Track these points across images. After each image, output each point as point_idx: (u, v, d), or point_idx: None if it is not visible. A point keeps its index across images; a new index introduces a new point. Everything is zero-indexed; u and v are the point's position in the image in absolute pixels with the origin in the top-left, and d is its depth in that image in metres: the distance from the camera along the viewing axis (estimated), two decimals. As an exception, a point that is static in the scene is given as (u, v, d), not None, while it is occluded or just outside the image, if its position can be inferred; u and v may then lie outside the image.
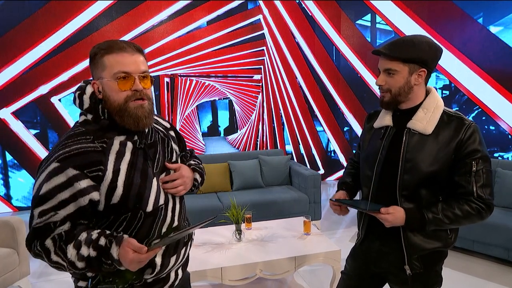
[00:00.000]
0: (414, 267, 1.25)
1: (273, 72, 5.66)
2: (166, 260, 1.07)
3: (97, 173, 0.94)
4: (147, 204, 1.01)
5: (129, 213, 0.99)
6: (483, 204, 1.16)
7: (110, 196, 0.96)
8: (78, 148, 0.94)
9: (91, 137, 0.98)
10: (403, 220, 1.19)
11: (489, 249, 2.91)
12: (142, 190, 1.00)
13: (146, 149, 1.05)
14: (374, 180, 1.29)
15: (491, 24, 4.36)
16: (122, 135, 1.02)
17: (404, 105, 1.26)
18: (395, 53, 1.19)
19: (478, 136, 1.18)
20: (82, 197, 0.92)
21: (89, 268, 0.92)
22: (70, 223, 0.93)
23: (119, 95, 0.97)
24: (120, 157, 0.99)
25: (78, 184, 0.92)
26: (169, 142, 1.16)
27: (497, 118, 4.33)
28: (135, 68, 0.98)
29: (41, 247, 0.92)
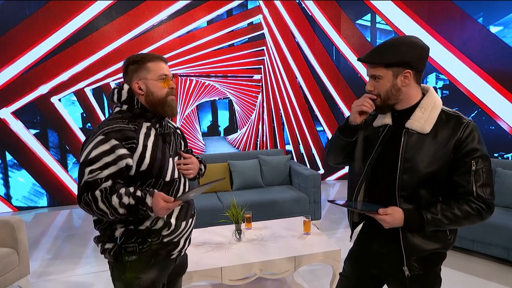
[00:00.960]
0: (413, 268, 1.23)
1: (273, 72, 5.66)
2: (179, 222, 1.36)
3: (131, 145, 1.24)
4: (166, 175, 1.32)
5: (153, 179, 1.29)
6: (483, 204, 1.15)
7: (140, 164, 1.26)
8: (117, 126, 1.25)
9: (126, 120, 1.28)
10: (401, 221, 1.18)
11: (489, 249, 2.90)
12: (163, 163, 1.31)
13: (165, 135, 1.37)
14: (363, 176, 1.28)
15: (491, 24, 4.36)
16: (148, 122, 1.33)
17: (399, 106, 1.26)
18: (375, 60, 1.20)
19: (477, 135, 1.17)
20: (121, 161, 1.22)
21: (128, 213, 1.20)
22: (111, 180, 1.21)
23: (162, 91, 1.32)
24: (147, 137, 1.29)
25: (119, 151, 1.21)
26: (178, 136, 1.48)
27: (497, 118, 4.33)
28: (169, 72, 1.36)
29: (92, 196, 1.19)
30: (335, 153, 1.39)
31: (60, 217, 4.44)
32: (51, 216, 4.50)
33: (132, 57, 1.34)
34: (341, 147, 1.36)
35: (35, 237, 3.71)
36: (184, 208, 1.40)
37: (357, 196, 1.31)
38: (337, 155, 1.40)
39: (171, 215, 1.34)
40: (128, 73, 1.33)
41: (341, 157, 1.40)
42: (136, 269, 1.30)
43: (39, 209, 4.75)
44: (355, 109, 1.25)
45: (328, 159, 1.47)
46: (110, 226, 1.29)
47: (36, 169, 4.71)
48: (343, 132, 1.32)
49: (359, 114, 1.26)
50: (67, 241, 3.62)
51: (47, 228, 4.03)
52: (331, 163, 1.47)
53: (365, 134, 1.35)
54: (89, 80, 4.82)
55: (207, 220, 3.32)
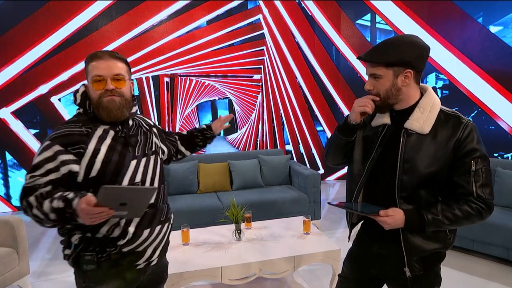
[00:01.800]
0: (414, 269, 1.23)
1: (273, 72, 5.66)
2: (139, 230, 1.26)
3: (78, 150, 1.18)
4: (122, 180, 1.23)
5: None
6: (483, 204, 1.15)
7: (89, 170, 1.19)
8: (66, 130, 1.20)
9: (80, 124, 1.23)
10: (402, 222, 1.17)
11: (489, 249, 2.90)
12: (119, 167, 1.23)
13: (127, 137, 1.29)
14: (364, 177, 1.28)
15: (491, 24, 4.36)
16: (107, 125, 1.26)
17: (398, 106, 1.25)
18: (376, 59, 1.19)
19: (476, 135, 1.17)
20: (63, 167, 1.16)
21: (58, 219, 1.11)
22: (51, 186, 1.15)
23: (95, 93, 1.23)
24: (102, 140, 1.23)
25: (61, 157, 1.16)
26: (150, 136, 1.41)
27: (497, 117, 4.33)
28: (107, 72, 1.22)
29: (27, 202, 1.13)
30: (334, 153, 1.38)
31: (60, 217, 4.44)
32: (51, 216, 4.49)
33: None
34: (340, 147, 1.35)
35: (34, 237, 3.71)
36: (148, 215, 1.28)
37: (357, 198, 1.30)
38: (336, 155, 1.39)
39: (129, 222, 1.23)
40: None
41: (340, 158, 1.39)
42: (96, 279, 1.24)
43: (39, 209, 4.74)
44: (358, 110, 1.23)
45: (327, 160, 1.46)
46: (69, 232, 1.24)
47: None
48: (342, 132, 1.32)
49: (360, 114, 1.25)
50: (67, 241, 3.61)
51: (46, 228, 4.02)
52: (330, 164, 1.46)
53: (364, 134, 1.34)
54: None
55: (207, 220, 3.32)
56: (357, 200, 1.31)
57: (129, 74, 1.31)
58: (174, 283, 2.07)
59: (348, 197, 1.37)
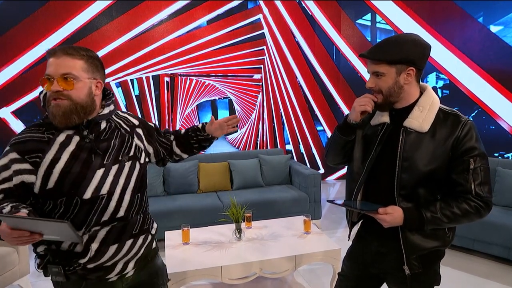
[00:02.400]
0: (413, 267, 1.24)
1: (273, 71, 5.66)
2: (104, 247, 1.14)
3: (35, 159, 1.07)
4: (84, 192, 1.10)
5: (64, 197, 1.09)
6: (482, 202, 1.16)
7: (46, 181, 1.07)
8: (26, 136, 1.10)
9: (43, 128, 1.12)
10: (401, 220, 1.18)
11: (490, 248, 2.90)
12: (80, 178, 1.10)
13: (97, 142, 1.15)
14: (363, 175, 1.28)
15: (492, 24, 4.36)
16: (71, 129, 1.13)
17: (398, 104, 1.26)
18: (379, 56, 1.19)
19: (475, 133, 1.17)
20: (16, 176, 1.06)
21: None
22: (3, 195, 1.06)
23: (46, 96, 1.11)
24: (64, 147, 1.10)
25: (15, 166, 1.06)
26: (130, 138, 1.26)
27: (497, 117, 4.32)
28: (54, 70, 1.07)
29: None
30: (334, 153, 1.39)
31: (60, 217, 4.44)
32: (51, 215, 4.49)
33: None
34: (340, 146, 1.35)
35: (35, 237, 3.71)
36: (115, 229, 1.15)
37: (356, 196, 1.31)
38: (336, 155, 1.39)
39: (93, 238, 1.12)
40: None
41: (340, 157, 1.39)
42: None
43: (39, 209, 4.74)
44: (358, 109, 1.24)
45: (327, 160, 1.46)
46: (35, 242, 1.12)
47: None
48: (342, 131, 1.32)
49: (360, 114, 1.25)
50: (67, 240, 3.61)
51: (47, 228, 4.02)
52: (330, 163, 1.46)
53: (363, 133, 1.35)
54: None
55: (207, 219, 3.32)
56: (357, 199, 1.31)
57: (92, 72, 1.14)
58: (174, 283, 2.07)
59: (348, 196, 1.37)
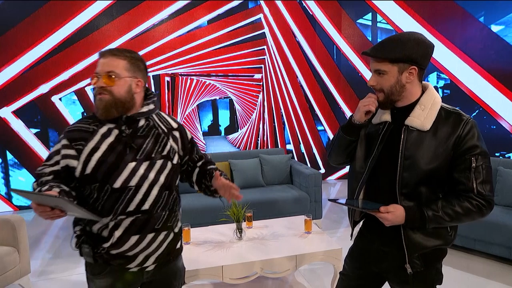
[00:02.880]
0: (415, 265, 1.23)
1: (273, 71, 5.65)
2: (126, 236, 1.22)
3: (79, 146, 1.21)
4: (115, 181, 1.20)
5: (97, 184, 1.20)
6: (484, 201, 1.15)
7: (85, 166, 1.20)
8: (76, 126, 1.25)
9: (91, 120, 1.25)
10: (403, 219, 1.18)
11: (491, 248, 2.90)
12: (113, 168, 1.20)
13: (132, 138, 1.25)
14: (365, 174, 1.28)
15: (493, 23, 4.35)
16: (113, 123, 1.25)
17: (400, 103, 1.26)
18: (381, 54, 1.18)
19: (477, 132, 1.17)
20: (63, 160, 1.21)
21: None
22: (53, 176, 1.21)
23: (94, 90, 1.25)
24: (104, 138, 1.22)
25: (64, 151, 1.22)
26: (165, 139, 1.33)
27: (498, 117, 4.32)
28: (101, 69, 1.22)
29: (32, 186, 1.23)
30: (338, 153, 1.38)
31: (60, 216, 4.44)
32: (52, 215, 4.49)
33: None
34: (344, 147, 1.35)
35: (35, 236, 3.71)
36: (139, 220, 1.22)
37: (358, 195, 1.31)
38: (339, 155, 1.38)
39: (117, 226, 1.21)
40: None
41: (343, 157, 1.39)
42: (93, 271, 1.28)
43: (40, 209, 4.74)
44: (363, 109, 1.24)
45: (330, 160, 1.46)
46: (75, 222, 1.28)
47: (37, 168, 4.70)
48: (347, 131, 1.31)
49: (365, 114, 1.25)
50: (68, 240, 3.61)
51: (47, 227, 4.03)
52: (333, 163, 1.46)
53: (366, 132, 1.35)
54: (90, 79, 4.80)
55: (208, 219, 3.31)
56: (359, 197, 1.31)
57: (133, 72, 1.25)
58: (175, 282, 2.06)
59: (350, 194, 1.37)
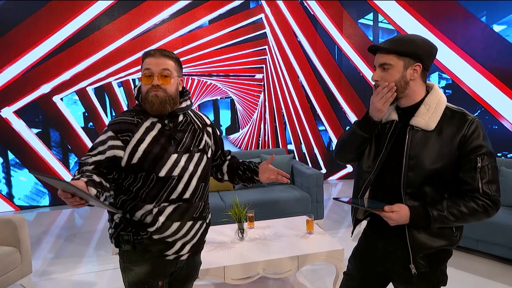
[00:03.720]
0: (419, 266, 1.23)
1: (275, 71, 5.65)
2: (168, 222, 1.31)
3: (125, 137, 1.29)
4: (160, 170, 1.29)
5: (143, 173, 1.28)
6: (489, 201, 1.15)
7: (132, 157, 1.28)
8: (120, 118, 1.33)
9: (134, 113, 1.34)
10: (407, 218, 1.17)
11: (493, 249, 2.89)
12: (158, 158, 1.29)
13: (174, 131, 1.35)
14: (373, 174, 1.28)
15: (495, 23, 4.34)
16: (156, 117, 1.34)
17: (404, 101, 1.25)
18: (391, 46, 1.20)
19: (482, 132, 1.17)
20: (110, 151, 1.28)
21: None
22: (94, 166, 1.26)
23: (144, 88, 1.32)
24: (148, 131, 1.31)
25: (110, 142, 1.28)
26: (201, 133, 1.44)
27: (500, 117, 4.31)
28: (155, 68, 1.29)
29: (74, 174, 1.26)
30: (349, 150, 1.36)
31: (62, 216, 4.44)
32: (53, 215, 4.49)
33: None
34: (357, 144, 1.33)
35: (37, 236, 3.71)
36: (180, 208, 1.33)
37: (364, 194, 1.31)
38: (350, 152, 1.37)
39: (161, 212, 1.30)
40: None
41: (354, 155, 1.37)
42: (131, 259, 1.33)
43: (41, 208, 4.75)
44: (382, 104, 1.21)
45: (338, 157, 1.44)
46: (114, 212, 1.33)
47: (38, 168, 4.71)
48: (363, 128, 1.29)
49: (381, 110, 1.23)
50: (69, 240, 3.61)
51: (49, 227, 4.03)
52: (341, 160, 1.44)
53: None
54: (91, 79, 4.81)
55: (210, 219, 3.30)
56: (364, 197, 1.31)
57: (178, 71, 1.36)
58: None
59: (355, 193, 1.37)
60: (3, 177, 4.61)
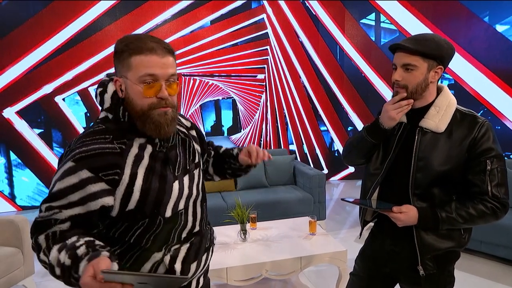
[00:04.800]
0: (427, 267, 1.23)
1: (276, 71, 5.64)
2: (186, 266, 1.03)
3: (113, 176, 0.88)
4: (165, 210, 0.96)
5: (147, 219, 0.95)
6: (498, 204, 1.15)
7: (126, 202, 0.91)
8: (95, 148, 0.87)
9: (110, 136, 0.91)
10: (416, 219, 1.17)
11: (497, 250, 2.87)
12: (161, 195, 0.95)
13: (167, 153, 0.99)
14: (381, 176, 1.28)
15: (498, 23, 4.33)
16: (142, 137, 0.95)
17: (417, 103, 1.24)
18: (417, 47, 1.14)
19: (492, 134, 1.17)
20: (92, 201, 0.86)
21: (63, 278, 0.81)
22: (70, 223, 0.87)
23: (143, 101, 0.90)
24: (138, 160, 0.92)
25: (91, 187, 0.86)
26: (190, 142, 1.09)
27: (503, 117, 4.29)
28: (162, 72, 0.89)
29: (35, 242, 0.87)
30: (358, 155, 1.37)
31: (64, 217, 4.44)
32: (55, 215, 4.49)
33: (120, 40, 0.93)
34: (367, 149, 1.33)
35: (39, 237, 3.71)
36: (194, 245, 1.06)
37: (371, 195, 1.31)
38: (359, 157, 1.37)
39: (175, 258, 1.00)
40: (114, 63, 0.95)
41: (362, 159, 1.38)
42: None
43: (43, 209, 4.75)
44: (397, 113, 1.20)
45: (346, 160, 1.44)
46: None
47: (40, 168, 4.72)
48: (372, 135, 1.29)
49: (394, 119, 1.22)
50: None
51: (51, 228, 4.03)
52: (349, 163, 1.45)
53: None
54: (93, 79, 4.82)
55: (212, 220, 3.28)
56: (371, 198, 1.31)
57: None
58: (179, 284, 2.05)
59: (362, 195, 1.37)
60: (5, 178, 4.61)
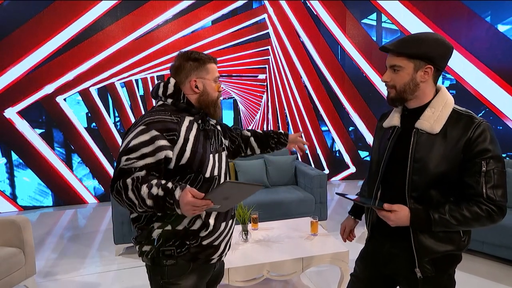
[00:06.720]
0: (425, 270, 1.21)
1: (278, 71, 5.63)
2: (218, 223, 1.29)
3: (172, 137, 1.20)
4: (206, 171, 1.26)
5: (192, 174, 1.23)
6: (494, 206, 1.12)
7: (180, 157, 1.21)
8: (159, 117, 1.21)
9: (168, 113, 1.25)
10: (407, 220, 1.16)
11: (499, 251, 2.86)
12: (204, 158, 1.26)
13: (207, 131, 1.33)
14: (379, 179, 1.28)
15: (499, 23, 4.32)
16: (191, 116, 1.30)
17: (412, 103, 1.24)
18: (400, 49, 1.17)
19: (489, 135, 1.14)
20: (160, 152, 1.17)
21: (155, 206, 1.10)
22: (146, 171, 1.16)
23: (215, 94, 1.34)
24: (189, 130, 1.25)
25: (158, 142, 1.17)
26: (218, 132, 1.45)
27: (505, 117, 4.28)
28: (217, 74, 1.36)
29: (123, 184, 1.13)
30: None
31: (65, 217, 4.44)
32: (56, 215, 4.50)
33: (190, 53, 1.30)
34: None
35: (40, 237, 3.71)
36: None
37: (370, 195, 1.33)
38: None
39: (209, 214, 1.25)
40: (186, 68, 1.29)
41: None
42: (174, 274, 1.25)
43: (44, 209, 4.75)
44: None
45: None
46: (148, 225, 1.24)
47: (41, 168, 4.72)
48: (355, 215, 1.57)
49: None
50: (72, 240, 3.61)
51: (52, 228, 4.03)
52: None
53: (380, 136, 1.37)
54: (94, 79, 4.82)
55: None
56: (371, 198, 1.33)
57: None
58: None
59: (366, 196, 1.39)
60: (6, 178, 4.62)
